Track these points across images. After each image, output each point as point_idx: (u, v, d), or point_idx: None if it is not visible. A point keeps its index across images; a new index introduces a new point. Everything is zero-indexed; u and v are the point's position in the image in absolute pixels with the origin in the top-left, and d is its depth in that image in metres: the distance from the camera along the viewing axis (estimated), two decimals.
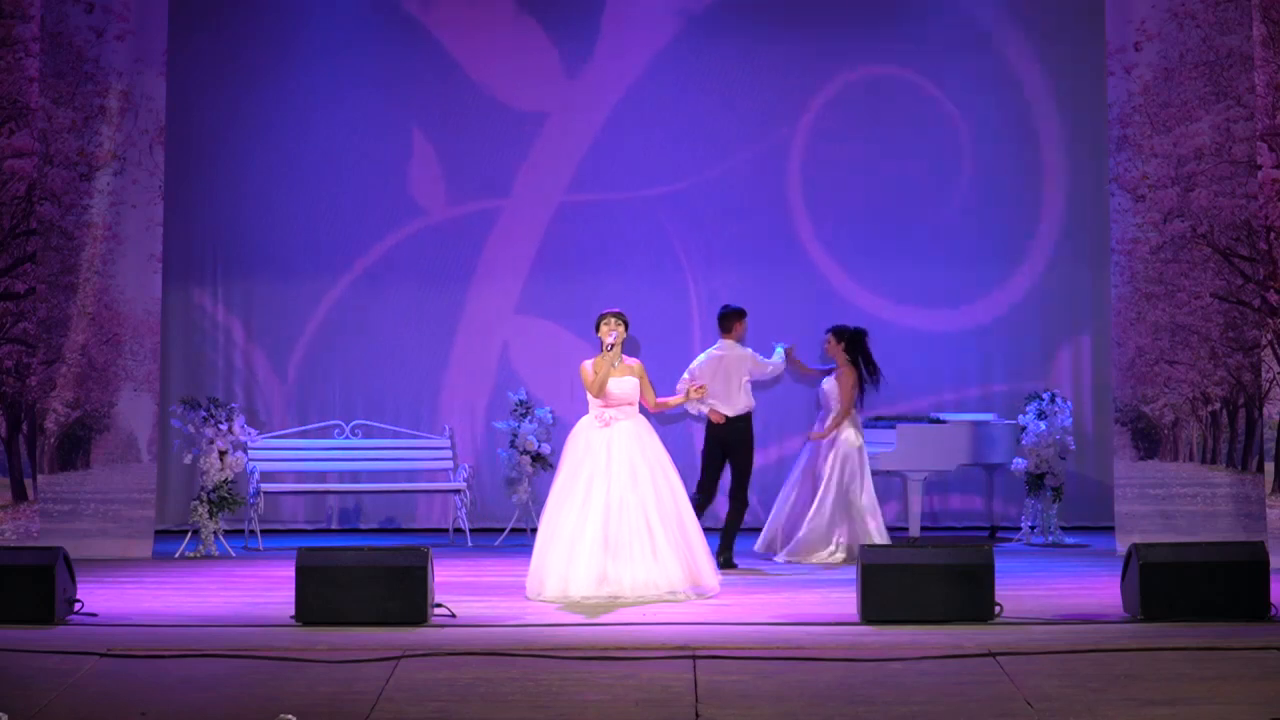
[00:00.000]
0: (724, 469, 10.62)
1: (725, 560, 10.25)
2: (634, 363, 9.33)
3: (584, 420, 9.23)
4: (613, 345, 9.17)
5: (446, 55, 13.24)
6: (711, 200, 13.26)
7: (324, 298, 13.23)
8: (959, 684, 6.53)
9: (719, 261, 13.19)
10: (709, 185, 13.28)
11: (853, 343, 10.96)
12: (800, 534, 10.76)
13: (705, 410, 10.55)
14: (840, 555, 10.61)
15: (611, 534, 8.82)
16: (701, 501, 10.39)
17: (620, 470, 8.97)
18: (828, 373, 11.07)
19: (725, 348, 10.64)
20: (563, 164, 13.30)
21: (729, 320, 10.70)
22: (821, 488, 10.78)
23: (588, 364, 9.23)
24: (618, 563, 8.77)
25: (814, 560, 10.63)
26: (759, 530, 11.20)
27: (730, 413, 10.51)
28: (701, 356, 10.73)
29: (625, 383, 9.18)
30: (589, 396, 9.20)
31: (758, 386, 10.97)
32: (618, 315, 9.30)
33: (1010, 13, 13.23)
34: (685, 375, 10.59)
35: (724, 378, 10.54)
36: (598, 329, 9.30)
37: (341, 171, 13.20)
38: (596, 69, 13.27)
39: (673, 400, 9.84)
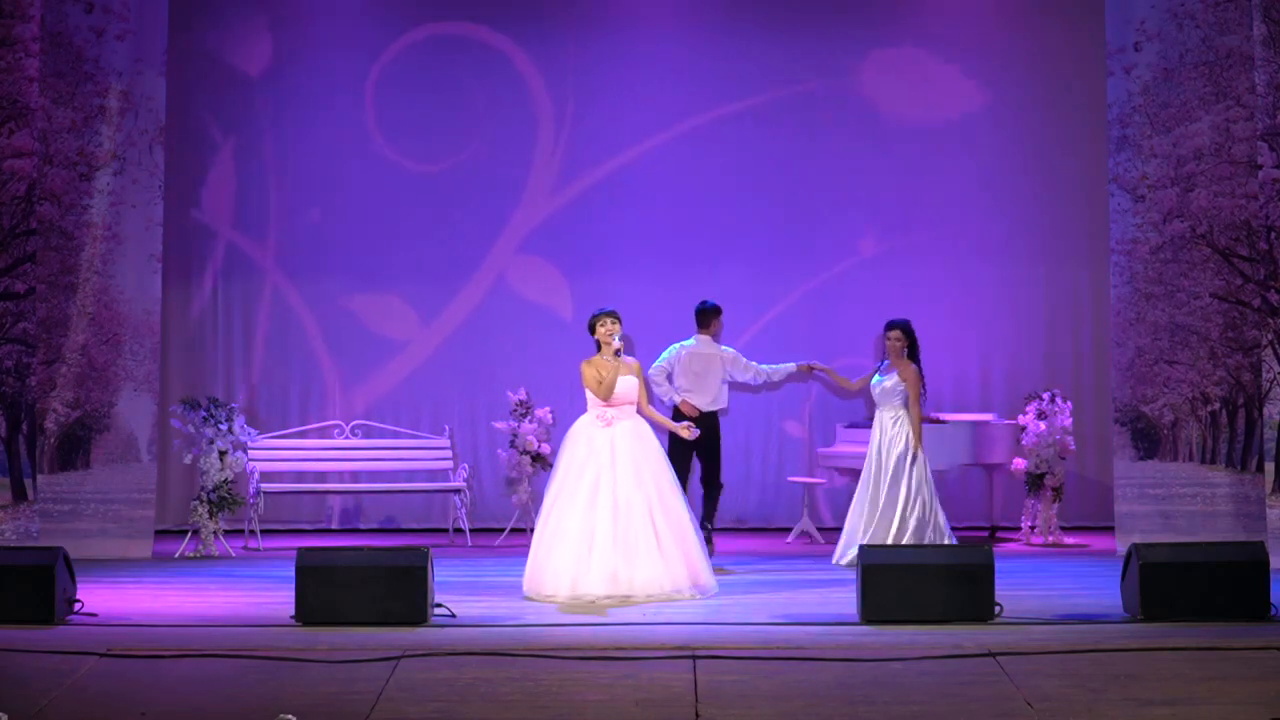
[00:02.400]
0: (691, 463, 10.74)
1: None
2: (633, 362, 9.27)
3: (583, 420, 9.20)
4: (619, 350, 9.13)
5: (444, 57, 13.26)
6: (711, 200, 13.26)
7: (324, 297, 13.24)
8: (959, 684, 6.53)
9: (719, 260, 13.18)
10: (708, 185, 13.28)
11: (912, 339, 10.52)
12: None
13: (677, 400, 10.70)
14: None
15: (620, 534, 8.82)
16: None
17: (625, 470, 8.95)
18: (869, 377, 10.68)
19: (702, 344, 10.82)
20: (564, 164, 13.31)
21: (707, 316, 10.90)
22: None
23: (588, 365, 9.20)
24: (628, 563, 8.76)
25: None
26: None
27: (704, 407, 10.70)
28: (674, 349, 10.84)
29: (627, 382, 9.15)
30: (590, 396, 9.17)
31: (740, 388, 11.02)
32: (614, 315, 9.25)
33: (1010, 12, 13.23)
34: (660, 365, 10.76)
35: (699, 373, 10.73)
36: (593, 329, 9.25)
37: (341, 173, 13.21)
38: (596, 78, 13.28)
39: (658, 417, 9.52)
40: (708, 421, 10.63)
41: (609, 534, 8.80)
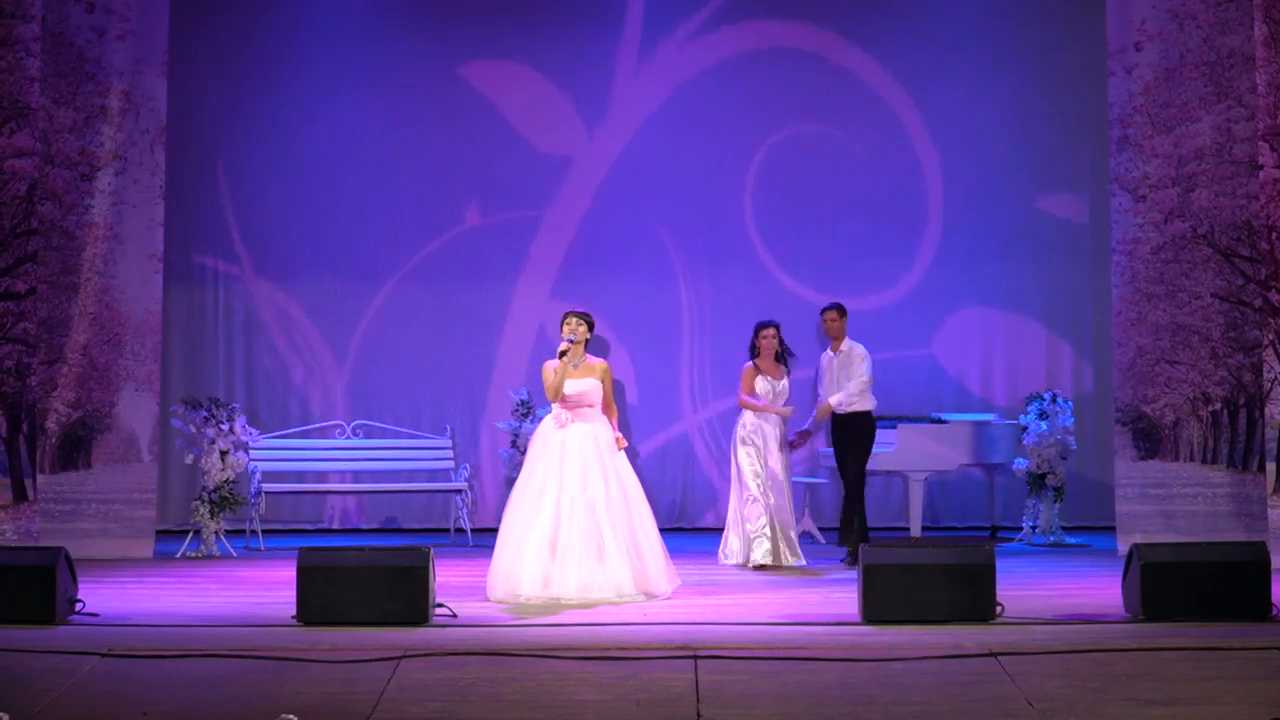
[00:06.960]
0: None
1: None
2: (597, 363, 9.19)
3: (546, 419, 9.19)
4: (564, 351, 9.06)
5: (440, 60, 13.27)
6: (712, 201, 13.27)
7: (324, 298, 13.24)
8: (960, 684, 6.53)
9: (720, 262, 13.19)
10: (708, 185, 13.29)
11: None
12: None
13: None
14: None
15: (561, 537, 8.78)
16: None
17: (572, 472, 8.91)
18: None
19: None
20: (565, 166, 13.31)
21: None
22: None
23: (549, 364, 9.15)
24: (563, 566, 8.72)
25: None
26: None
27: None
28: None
29: (583, 384, 9.08)
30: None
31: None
32: (579, 315, 9.19)
33: (1010, 12, 13.23)
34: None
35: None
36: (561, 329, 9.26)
37: (341, 173, 13.22)
38: (600, 79, 13.31)
39: (613, 422, 9.20)
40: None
41: (546, 536, 8.77)
